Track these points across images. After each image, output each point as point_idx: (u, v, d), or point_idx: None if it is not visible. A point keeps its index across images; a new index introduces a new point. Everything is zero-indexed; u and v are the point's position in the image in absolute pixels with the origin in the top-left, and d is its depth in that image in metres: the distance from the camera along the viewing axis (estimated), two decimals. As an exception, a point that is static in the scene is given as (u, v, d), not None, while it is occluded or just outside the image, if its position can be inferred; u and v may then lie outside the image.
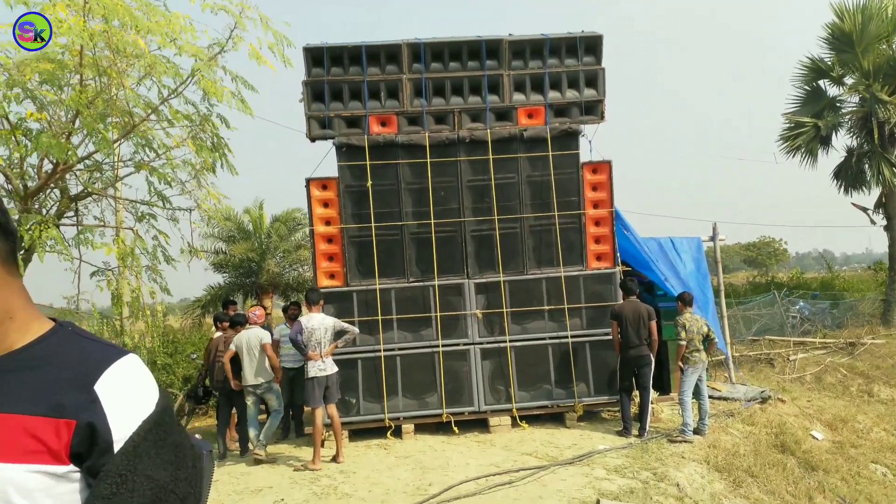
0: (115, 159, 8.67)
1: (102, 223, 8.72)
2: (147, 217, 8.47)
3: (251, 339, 7.79)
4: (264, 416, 8.21)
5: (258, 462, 7.51)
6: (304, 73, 8.57)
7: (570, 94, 8.98)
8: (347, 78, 8.63)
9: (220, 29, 7.23)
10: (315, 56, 8.52)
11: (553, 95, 8.95)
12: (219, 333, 8.83)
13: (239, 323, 8.37)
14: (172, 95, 7.56)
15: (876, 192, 19.16)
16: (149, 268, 8.44)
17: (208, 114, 7.70)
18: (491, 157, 8.73)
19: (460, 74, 8.78)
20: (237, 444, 8.40)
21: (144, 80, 7.32)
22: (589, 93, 9.01)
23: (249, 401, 7.87)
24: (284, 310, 9.39)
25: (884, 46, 17.25)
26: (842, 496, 7.74)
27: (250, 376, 7.75)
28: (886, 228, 18.66)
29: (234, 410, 8.50)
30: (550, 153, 8.81)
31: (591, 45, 9.02)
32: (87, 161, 8.15)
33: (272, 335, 8.23)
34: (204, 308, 17.46)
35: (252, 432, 7.83)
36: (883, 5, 17.01)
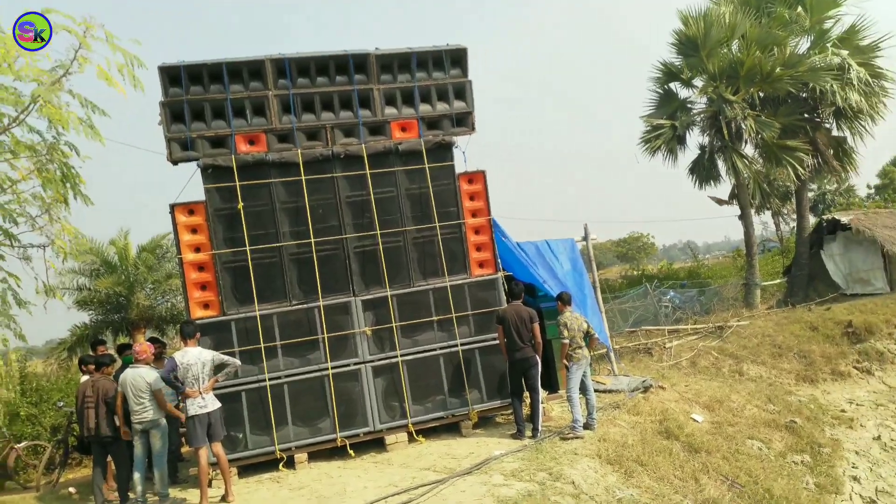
0: (-50, 197, 7.85)
1: (-61, 268, 7.86)
2: (-8, 258, 7.73)
3: (136, 379, 7.20)
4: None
5: None
6: (160, 93, 8.11)
7: (441, 107, 9.08)
8: (209, 97, 8.25)
9: (62, 50, 6.72)
10: (172, 75, 8.08)
11: (424, 108, 9.00)
12: (86, 377, 8.14)
13: (104, 364, 7.76)
14: (13, 124, 6.95)
15: (727, 185, 20.71)
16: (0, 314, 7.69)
17: (55, 143, 7.14)
18: (368, 171, 8.64)
19: (329, 89, 8.63)
20: (115, 493, 7.77)
21: (-23, 108, 6.68)
22: (459, 105, 9.14)
23: (137, 446, 7.28)
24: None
25: (725, 50, 18.66)
26: (724, 475, 8.21)
27: (138, 417, 7.18)
28: (741, 217, 20.18)
29: (109, 458, 7.85)
30: (427, 165, 8.85)
31: (457, 58, 9.17)
32: (-86, 201, 7.32)
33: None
34: (70, 350, 16.13)
35: (136, 475, 7.24)
36: (721, 12, 18.44)
